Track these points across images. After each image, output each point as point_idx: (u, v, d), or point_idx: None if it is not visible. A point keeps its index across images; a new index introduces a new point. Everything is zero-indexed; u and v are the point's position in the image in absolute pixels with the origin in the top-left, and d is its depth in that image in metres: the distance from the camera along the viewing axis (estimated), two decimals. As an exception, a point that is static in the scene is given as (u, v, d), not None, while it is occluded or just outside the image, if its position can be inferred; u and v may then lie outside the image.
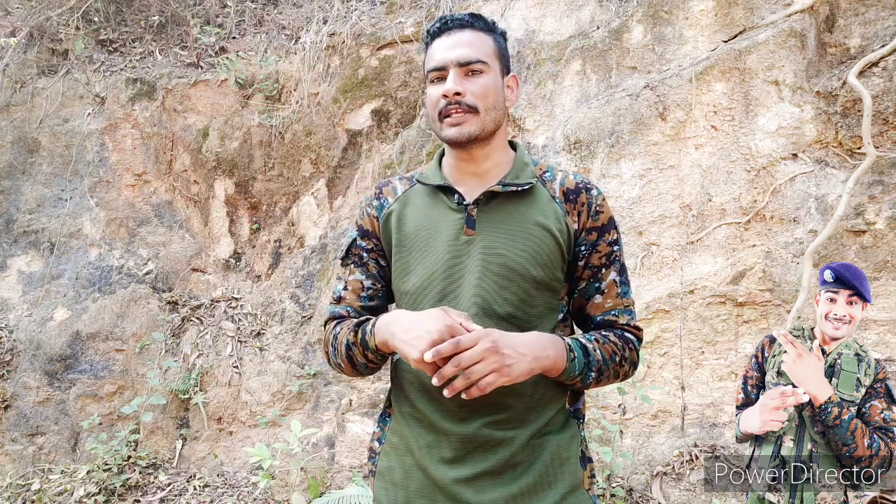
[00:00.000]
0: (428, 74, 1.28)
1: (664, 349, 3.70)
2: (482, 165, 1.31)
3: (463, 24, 1.27)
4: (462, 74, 1.24)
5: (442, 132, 1.27)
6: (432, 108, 1.27)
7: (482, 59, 1.25)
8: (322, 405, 4.33)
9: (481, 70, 1.25)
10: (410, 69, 4.90)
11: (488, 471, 1.21)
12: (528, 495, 1.21)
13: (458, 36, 1.26)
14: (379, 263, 1.38)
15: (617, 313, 1.31)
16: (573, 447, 1.27)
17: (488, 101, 1.25)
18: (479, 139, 1.26)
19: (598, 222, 1.29)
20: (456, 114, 1.23)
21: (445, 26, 1.28)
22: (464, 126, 1.24)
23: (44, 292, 4.89)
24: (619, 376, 1.28)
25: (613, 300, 1.31)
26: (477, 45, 1.26)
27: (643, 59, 4.01)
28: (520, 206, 1.28)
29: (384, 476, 1.32)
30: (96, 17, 5.50)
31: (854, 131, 3.52)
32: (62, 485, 4.27)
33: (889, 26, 3.59)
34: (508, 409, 1.22)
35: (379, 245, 1.38)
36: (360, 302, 1.37)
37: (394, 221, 1.34)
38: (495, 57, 1.29)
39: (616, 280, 1.31)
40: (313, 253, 4.81)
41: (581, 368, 1.19)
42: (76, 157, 5.12)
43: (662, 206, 3.78)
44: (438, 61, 1.25)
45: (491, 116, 1.26)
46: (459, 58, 1.24)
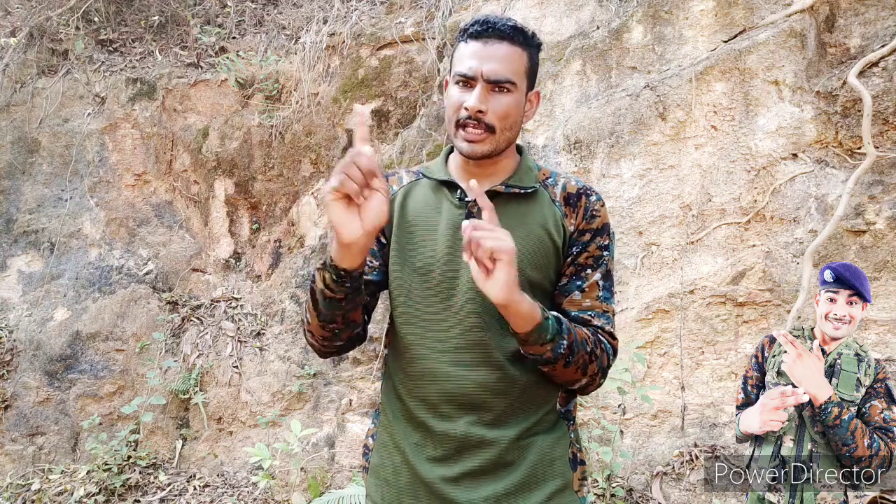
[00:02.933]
0: (454, 75, 1.25)
1: (664, 349, 3.70)
2: (487, 170, 1.32)
3: (502, 36, 1.22)
4: (489, 90, 1.21)
5: (456, 141, 1.26)
6: (451, 112, 1.25)
7: (512, 79, 1.22)
8: (322, 405, 4.34)
9: (508, 90, 1.22)
10: (410, 69, 4.90)
11: (475, 470, 1.21)
12: (515, 495, 1.21)
13: (494, 48, 1.22)
14: (379, 241, 1.36)
15: (593, 314, 1.26)
16: (561, 448, 1.27)
17: (507, 121, 1.23)
18: (491, 157, 1.26)
19: (592, 224, 1.29)
20: (473, 129, 1.22)
21: (485, 32, 1.23)
22: (477, 145, 1.22)
23: (44, 292, 4.89)
24: (586, 372, 1.20)
25: (592, 301, 1.27)
26: (511, 61, 1.22)
27: (643, 59, 4.01)
28: (521, 208, 1.29)
29: (376, 473, 1.33)
30: (96, 17, 5.50)
31: (854, 131, 3.52)
32: (62, 485, 4.27)
33: (889, 26, 3.59)
34: (494, 409, 1.22)
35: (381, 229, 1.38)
36: None
37: (396, 207, 1.34)
38: (525, 75, 1.26)
39: (599, 283, 1.28)
40: (313, 253, 4.81)
41: (553, 333, 1.14)
42: (76, 157, 5.12)
43: (662, 206, 3.78)
44: (468, 69, 1.21)
45: (506, 136, 1.25)
46: (490, 73, 1.20)
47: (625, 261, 3.81)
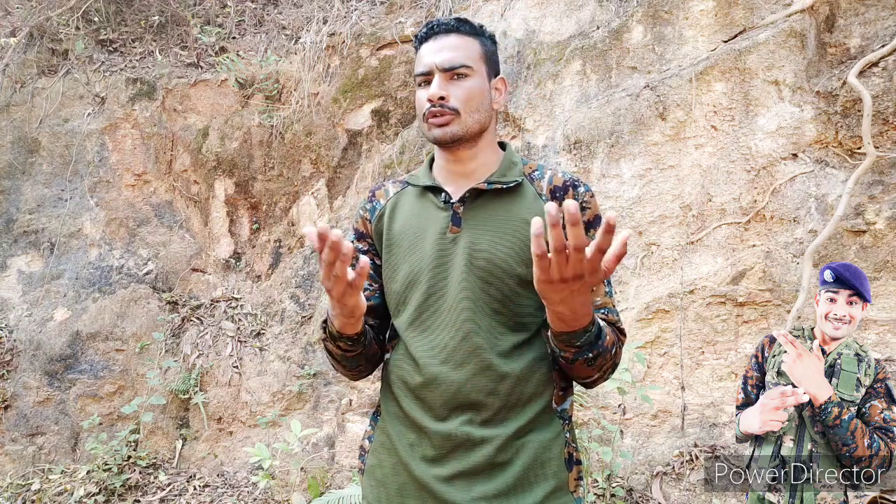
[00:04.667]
0: (416, 78, 1.32)
1: (664, 349, 3.70)
2: (469, 166, 1.33)
3: (448, 29, 1.30)
4: (447, 79, 1.27)
5: (428, 133, 1.30)
6: (419, 111, 1.31)
7: (466, 63, 1.28)
8: (322, 405, 4.34)
9: (466, 74, 1.28)
10: (410, 69, 4.90)
11: (469, 470, 1.22)
12: (509, 495, 1.21)
13: (443, 41, 1.29)
14: (375, 263, 1.39)
15: (607, 311, 1.26)
16: (556, 448, 1.27)
17: (472, 104, 1.28)
18: (464, 140, 1.29)
19: (584, 217, 1.27)
20: (440, 116, 1.26)
21: (432, 31, 1.31)
22: (447, 127, 1.27)
23: (44, 292, 4.89)
24: (603, 370, 1.21)
25: (603, 298, 1.27)
26: (462, 49, 1.29)
27: (643, 59, 4.01)
28: (505, 204, 1.30)
29: (371, 474, 1.34)
30: (96, 17, 5.50)
31: (854, 131, 3.52)
32: (62, 485, 4.27)
33: (889, 26, 3.59)
34: (488, 408, 1.23)
35: (373, 246, 1.40)
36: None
37: (385, 222, 1.37)
38: (481, 60, 1.31)
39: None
40: (313, 253, 4.81)
41: (585, 343, 1.12)
42: (76, 157, 5.13)
43: (662, 206, 3.78)
44: (424, 66, 1.29)
45: (474, 118, 1.29)
46: (443, 62, 1.27)
47: (625, 261, 3.81)
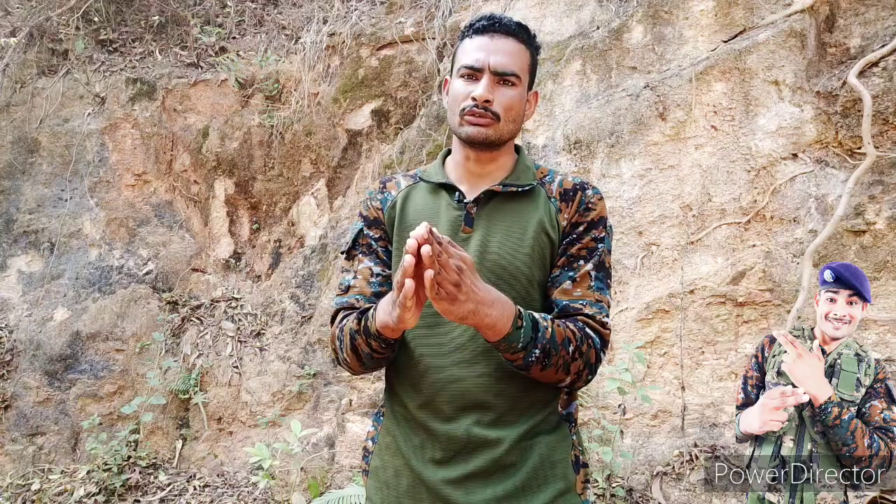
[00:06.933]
0: (459, 68, 1.27)
1: (664, 349, 3.70)
2: (486, 167, 1.32)
3: (508, 31, 1.26)
4: (495, 82, 1.24)
5: (460, 128, 1.27)
6: (455, 103, 1.27)
7: (517, 72, 1.25)
8: (322, 405, 4.33)
9: (513, 83, 1.25)
10: (410, 69, 4.90)
11: (477, 472, 1.21)
12: (517, 497, 1.20)
13: (501, 42, 1.25)
14: (388, 250, 1.36)
15: (584, 303, 1.23)
16: (564, 450, 1.26)
17: (511, 113, 1.26)
18: (494, 145, 1.28)
19: (587, 217, 1.28)
20: (481, 117, 1.24)
21: (491, 27, 1.26)
22: (483, 129, 1.24)
23: (44, 292, 4.89)
24: (569, 371, 1.18)
25: (584, 290, 1.24)
26: (516, 56, 1.26)
27: (643, 59, 4.01)
28: (518, 207, 1.29)
29: (376, 475, 1.33)
30: (96, 17, 5.50)
31: (854, 131, 3.52)
32: (62, 485, 4.27)
33: (889, 26, 3.59)
34: (496, 409, 1.22)
35: (385, 234, 1.37)
36: (371, 288, 1.32)
37: (396, 214, 1.35)
38: (527, 72, 1.30)
39: (591, 273, 1.25)
40: (313, 253, 4.81)
41: (526, 343, 1.12)
42: (76, 157, 5.12)
43: (662, 206, 3.78)
44: (475, 61, 1.24)
45: (510, 128, 1.27)
46: (497, 65, 1.24)
47: (625, 261, 3.81)
